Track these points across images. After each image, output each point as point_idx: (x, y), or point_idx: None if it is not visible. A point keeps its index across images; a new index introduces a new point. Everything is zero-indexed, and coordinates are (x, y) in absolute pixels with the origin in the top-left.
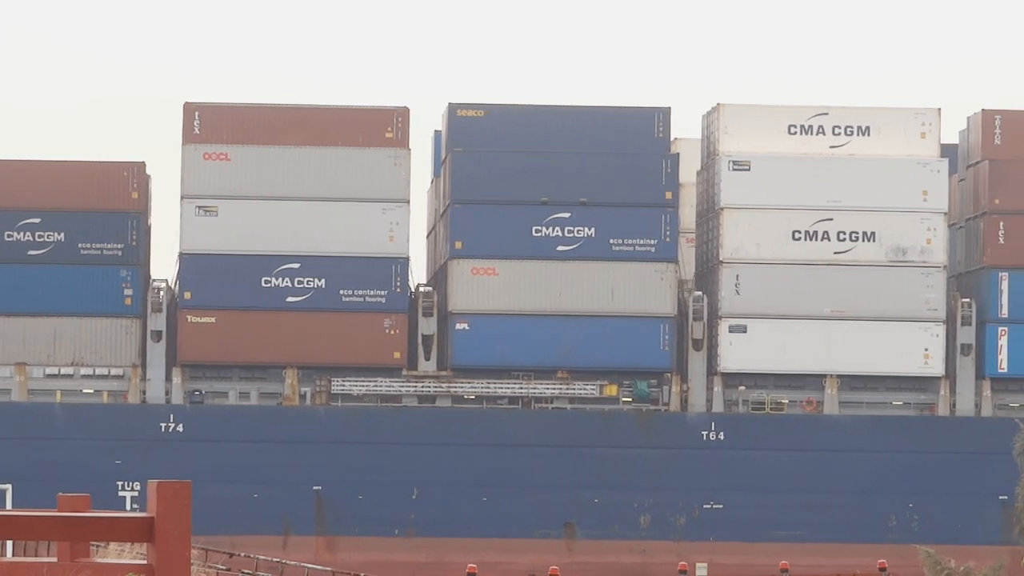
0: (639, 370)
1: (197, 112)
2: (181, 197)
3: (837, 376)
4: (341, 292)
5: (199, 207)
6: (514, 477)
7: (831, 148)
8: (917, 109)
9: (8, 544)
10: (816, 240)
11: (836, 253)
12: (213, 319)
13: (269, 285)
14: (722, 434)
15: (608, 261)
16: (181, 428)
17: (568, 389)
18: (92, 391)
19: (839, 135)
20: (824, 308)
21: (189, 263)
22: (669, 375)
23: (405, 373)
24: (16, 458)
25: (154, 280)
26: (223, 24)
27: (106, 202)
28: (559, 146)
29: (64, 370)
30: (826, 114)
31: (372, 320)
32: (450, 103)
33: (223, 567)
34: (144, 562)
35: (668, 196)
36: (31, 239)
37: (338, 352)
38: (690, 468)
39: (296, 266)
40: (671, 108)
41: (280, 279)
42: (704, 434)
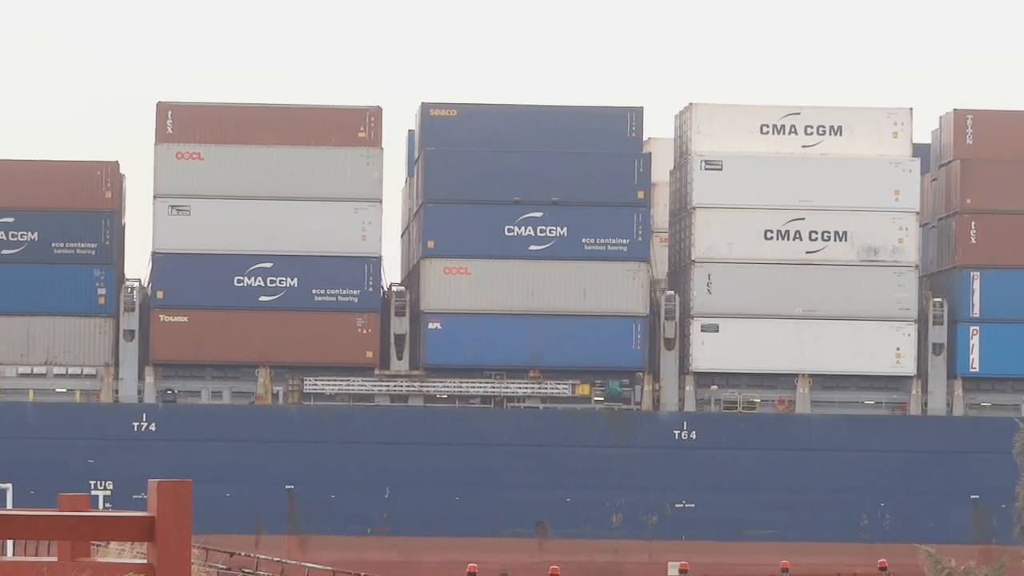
0: (611, 369)
1: (170, 112)
2: (154, 196)
3: (809, 375)
4: (313, 291)
5: (172, 206)
6: (486, 476)
7: (803, 148)
8: (889, 109)
9: (9, 543)
10: (788, 240)
11: (808, 253)
12: (186, 318)
13: (242, 284)
14: (694, 433)
15: (580, 260)
16: (153, 427)
17: (540, 388)
18: (65, 390)
19: (811, 135)
20: (796, 307)
21: (162, 262)
22: (641, 374)
23: (377, 372)
24: None
25: (127, 280)
26: (198, 24)
27: (80, 202)
28: (531, 146)
29: (37, 369)
30: (798, 114)
31: (344, 319)
32: (423, 103)
33: (223, 567)
34: (144, 561)
35: (640, 196)
36: (4, 238)
37: (310, 351)
38: (662, 467)
39: (269, 265)
40: (643, 108)
41: (253, 278)
42: (676, 433)
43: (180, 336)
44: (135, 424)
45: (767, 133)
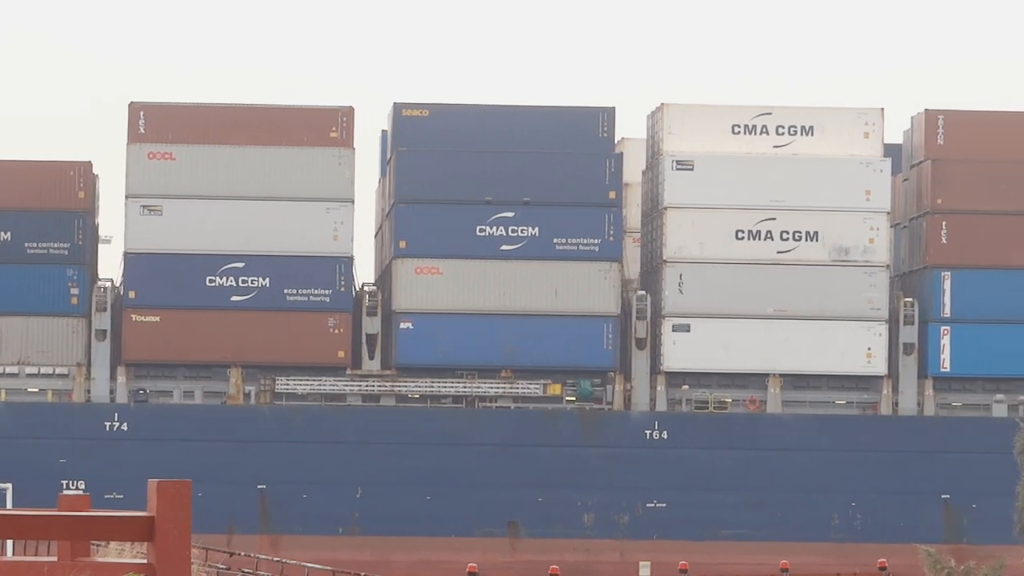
0: (583, 369)
1: (142, 112)
2: (126, 196)
3: (780, 375)
4: (285, 291)
5: (144, 206)
6: (458, 476)
7: (774, 148)
8: (860, 109)
9: (8, 543)
10: (759, 240)
11: (779, 253)
12: (158, 318)
13: (213, 284)
14: (665, 433)
15: (552, 260)
16: (126, 427)
17: (512, 388)
18: (37, 390)
19: (783, 135)
20: (767, 307)
21: (134, 262)
22: (613, 374)
23: (349, 372)
24: None
25: (100, 279)
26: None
27: (53, 202)
28: (503, 146)
29: (9, 369)
30: (770, 114)
31: (316, 319)
32: (395, 103)
33: (223, 567)
34: (144, 561)
35: (612, 196)
36: None
37: (282, 351)
38: (633, 467)
39: (240, 265)
40: (615, 108)
41: (224, 278)
42: (647, 433)
43: (152, 336)
44: (107, 424)
45: (739, 133)
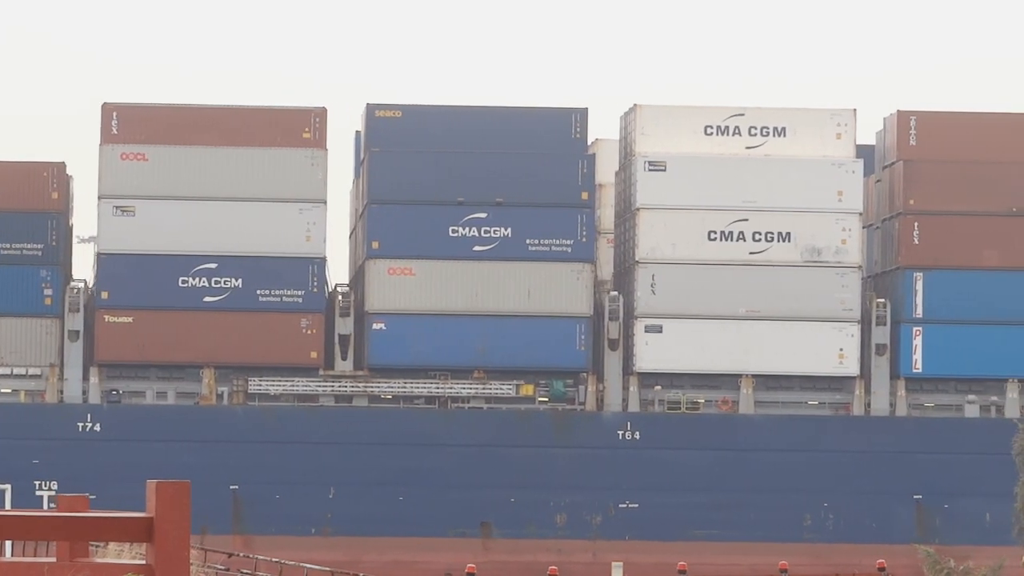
0: (555, 370)
1: (115, 112)
2: (99, 197)
3: (752, 376)
4: (258, 292)
5: (116, 207)
6: (430, 476)
7: (747, 149)
8: (833, 110)
9: (7, 544)
10: (732, 240)
11: (751, 253)
12: (130, 319)
13: (186, 285)
14: (638, 434)
15: (524, 261)
16: (98, 427)
17: (484, 389)
18: (10, 391)
19: (755, 136)
20: (739, 308)
21: (106, 263)
22: (585, 375)
23: (322, 373)
24: None
25: (73, 280)
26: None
27: (26, 202)
28: (476, 146)
29: None
30: (742, 115)
31: (289, 320)
32: (368, 104)
33: (222, 567)
34: (143, 562)
35: (584, 196)
36: None
37: (255, 352)
38: (606, 467)
39: (213, 266)
40: (588, 109)
41: (197, 279)
42: (620, 434)
43: (125, 336)
44: (80, 424)
45: (711, 134)
